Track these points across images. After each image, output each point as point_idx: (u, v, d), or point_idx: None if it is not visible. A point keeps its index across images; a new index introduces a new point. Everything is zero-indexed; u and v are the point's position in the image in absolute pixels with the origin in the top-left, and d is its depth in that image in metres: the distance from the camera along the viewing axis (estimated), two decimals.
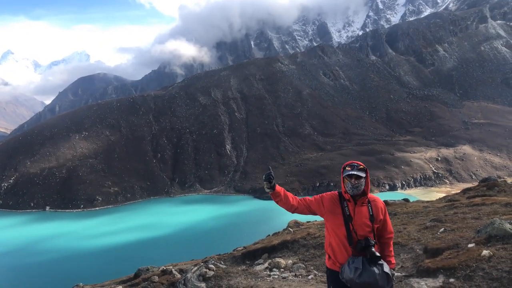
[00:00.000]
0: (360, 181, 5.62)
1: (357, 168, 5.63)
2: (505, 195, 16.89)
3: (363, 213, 5.70)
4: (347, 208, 5.72)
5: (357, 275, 5.35)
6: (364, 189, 5.68)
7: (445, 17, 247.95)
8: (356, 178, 5.61)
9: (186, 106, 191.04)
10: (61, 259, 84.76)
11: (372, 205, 5.76)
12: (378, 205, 5.82)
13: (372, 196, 5.88)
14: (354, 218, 5.67)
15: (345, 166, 5.74)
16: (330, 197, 5.93)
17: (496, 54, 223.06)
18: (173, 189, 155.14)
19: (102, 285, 16.43)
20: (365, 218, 5.69)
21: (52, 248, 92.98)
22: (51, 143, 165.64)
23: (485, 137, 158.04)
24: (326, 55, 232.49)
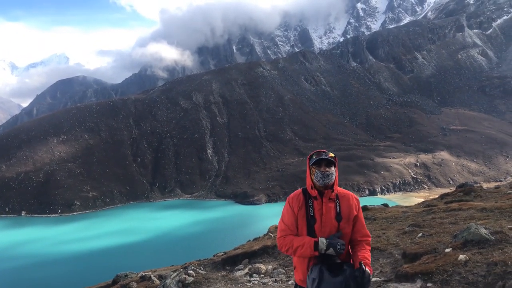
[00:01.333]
0: (331, 169, 4.85)
1: (326, 155, 4.87)
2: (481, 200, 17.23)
3: (330, 212, 4.90)
4: (311, 207, 4.91)
5: (314, 286, 4.59)
6: (334, 181, 4.92)
7: (424, 25, 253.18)
8: (327, 164, 4.85)
9: (167, 110, 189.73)
10: (36, 265, 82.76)
11: (340, 201, 4.96)
12: (348, 201, 4.99)
13: (342, 190, 5.06)
14: (319, 219, 4.87)
15: (312, 155, 4.97)
16: (296, 198, 5.05)
17: (472, 62, 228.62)
18: (153, 194, 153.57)
19: None
20: (332, 217, 4.89)
21: (27, 254, 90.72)
22: (28, 147, 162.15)
23: (462, 143, 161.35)
24: (307, 61, 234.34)
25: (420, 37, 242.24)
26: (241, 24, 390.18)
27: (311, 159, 4.93)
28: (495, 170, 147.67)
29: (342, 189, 5.08)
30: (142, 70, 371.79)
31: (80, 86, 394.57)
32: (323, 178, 4.81)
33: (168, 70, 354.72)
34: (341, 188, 5.06)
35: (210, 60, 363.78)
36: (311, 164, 4.91)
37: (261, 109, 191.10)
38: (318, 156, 4.88)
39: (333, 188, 4.92)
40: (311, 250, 4.68)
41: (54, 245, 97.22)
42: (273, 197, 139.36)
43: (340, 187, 5.11)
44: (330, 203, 4.91)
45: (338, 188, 5.01)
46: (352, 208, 4.98)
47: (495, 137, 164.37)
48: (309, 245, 4.69)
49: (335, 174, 4.90)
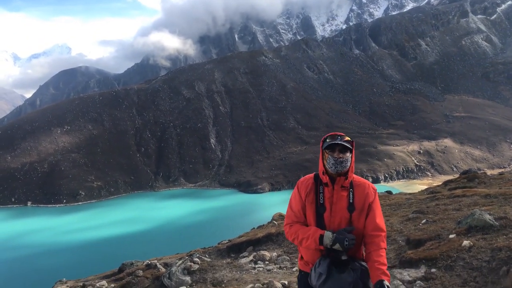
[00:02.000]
0: (346, 156, 4.31)
1: (341, 139, 4.32)
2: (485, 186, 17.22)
3: (341, 201, 4.38)
4: (321, 194, 4.42)
5: (320, 282, 4.19)
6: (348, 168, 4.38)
7: (427, 11, 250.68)
8: (341, 150, 4.31)
9: (170, 99, 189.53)
10: (43, 254, 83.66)
11: (355, 190, 4.41)
12: (364, 191, 4.43)
13: (357, 178, 4.53)
14: (329, 208, 4.39)
15: (326, 138, 4.43)
16: (305, 183, 4.59)
17: (476, 48, 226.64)
18: (157, 183, 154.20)
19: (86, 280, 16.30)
20: (343, 207, 4.38)
21: (34, 243, 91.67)
22: (32, 138, 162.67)
23: (465, 130, 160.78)
24: (310, 49, 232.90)
25: (424, 24, 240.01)
26: (243, 12, 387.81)
27: (325, 142, 4.38)
28: (499, 157, 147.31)
29: (358, 177, 4.54)
30: (144, 59, 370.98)
31: (82, 77, 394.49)
32: (336, 164, 4.30)
33: (171, 59, 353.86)
34: (357, 176, 4.54)
35: (212, 49, 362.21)
36: (324, 147, 4.36)
37: (264, 98, 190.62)
38: (332, 140, 4.33)
39: (347, 176, 4.38)
40: (316, 244, 4.24)
41: (60, 235, 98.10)
42: (276, 186, 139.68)
43: (356, 175, 4.59)
44: (342, 191, 4.39)
45: (354, 176, 4.48)
46: (368, 198, 4.42)
47: (499, 123, 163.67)
48: (314, 238, 4.25)
49: (351, 161, 4.37)
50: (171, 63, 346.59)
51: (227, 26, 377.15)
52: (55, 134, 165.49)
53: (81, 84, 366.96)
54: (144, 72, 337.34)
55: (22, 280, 71.69)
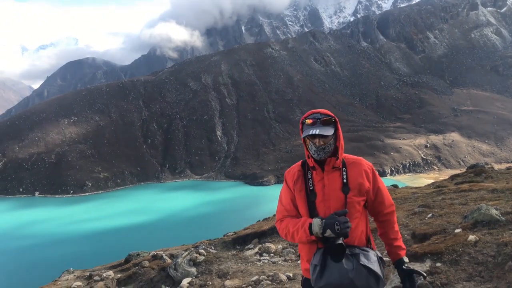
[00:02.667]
0: (327, 140, 3.82)
1: (320, 122, 3.83)
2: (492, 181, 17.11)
3: (333, 182, 3.88)
4: (310, 180, 3.95)
5: (316, 275, 3.61)
6: (335, 147, 3.92)
7: (436, 3, 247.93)
8: (322, 138, 3.82)
9: (177, 91, 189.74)
10: (50, 244, 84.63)
11: (348, 169, 3.93)
12: (359, 168, 3.95)
13: (350, 156, 4.08)
14: (321, 193, 3.88)
15: (304, 120, 3.92)
16: (291, 172, 4.12)
17: (486, 42, 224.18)
18: (163, 174, 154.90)
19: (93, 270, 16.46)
20: (336, 189, 3.86)
21: (41, 233, 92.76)
22: (39, 128, 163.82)
23: (473, 124, 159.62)
24: (317, 41, 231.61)
25: (432, 16, 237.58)
26: (250, 4, 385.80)
27: (304, 127, 3.91)
28: (507, 151, 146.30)
29: (350, 156, 4.11)
30: (151, 51, 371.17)
31: (89, 68, 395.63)
32: (318, 152, 3.86)
33: (178, 51, 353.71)
34: (349, 155, 4.11)
35: (218, 41, 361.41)
36: (303, 135, 3.89)
37: (270, 90, 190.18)
38: (310, 127, 3.83)
39: (337, 155, 3.91)
40: (306, 234, 3.67)
41: (67, 225, 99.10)
42: (282, 178, 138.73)
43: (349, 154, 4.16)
44: (334, 172, 3.90)
45: (345, 155, 4.05)
46: (363, 176, 3.93)
47: (508, 117, 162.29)
48: (303, 229, 3.69)
49: (335, 141, 3.92)
50: (179, 54, 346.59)
51: (234, 18, 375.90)
52: (62, 125, 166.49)
53: (88, 75, 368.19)
54: (151, 64, 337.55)
55: (29, 269, 72.61)
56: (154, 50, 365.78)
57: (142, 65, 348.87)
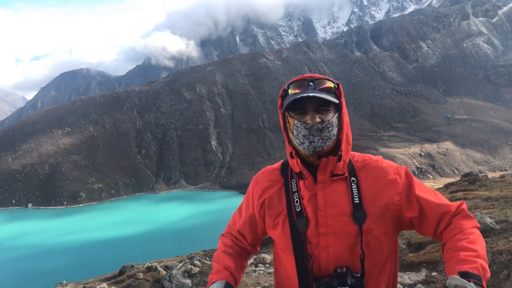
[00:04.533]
0: (328, 116, 2.19)
1: (318, 85, 2.20)
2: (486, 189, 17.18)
3: (336, 202, 2.19)
4: (296, 195, 2.26)
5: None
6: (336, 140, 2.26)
7: (428, 13, 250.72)
8: (318, 107, 2.17)
9: (171, 101, 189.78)
10: (43, 255, 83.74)
11: (361, 178, 2.27)
12: (378, 173, 2.29)
13: (360, 156, 2.46)
14: (313, 218, 2.18)
15: (287, 87, 2.33)
16: (265, 176, 2.47)
17: (478, 51, 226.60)
18: (158, 185, 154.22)
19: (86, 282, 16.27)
20: (341, 214, 2.16)
21: (34, 245, 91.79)
22: (33, 139, 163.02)
23: (467, 133, 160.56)
24: (311, 51, 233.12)
25: (425, 26, 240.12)
26: (244, 15, 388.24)
27: (286, 95, 2.30)
28: (500, 160, 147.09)
29: (359, 154, 2.48)
30: (145, 61, 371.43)
31: (84, 79, 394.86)
32: (311, 137, 2.16)
33: (174, 59, 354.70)
34: (358, 153, 2.49)
35: (213, 51, 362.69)
36: (286, 107, 2.23)
37: (265, 100, 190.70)
38: (297, 91, 2.21)
39: (340, 153, 2.25)
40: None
41: (60, 236, 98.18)
42: None
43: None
44: (335, 183, 2.22)
45: (353, 153, 2.43)
46: (388, 186, 2.21)
47: (501, 126, 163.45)
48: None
49: (341, 127, 2.29)
50: (175, 63, 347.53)
51: (228, 30, 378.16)
52: (56, 135, 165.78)
53: (82, 86, 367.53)
54: (145, 74, 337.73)
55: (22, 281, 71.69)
56: (149, 60, 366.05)
57: (137, 76, 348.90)
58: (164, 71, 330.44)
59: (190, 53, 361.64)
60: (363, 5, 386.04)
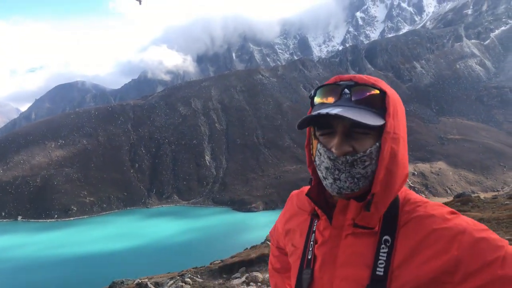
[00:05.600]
0: (364, 147, 1.47)
1: (355, 94, 1.54)
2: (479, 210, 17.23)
3: (352, 260, 1.52)
4: (311, 243, 1.69)
5: None
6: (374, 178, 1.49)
7: (422, 34, 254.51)
8: (351, 130, 1.48)
9: (166, 116, 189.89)
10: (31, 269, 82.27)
11: (400, 237, 1.47)
12: (427, 235, 1.43)
13: (415, 202, 1.56)
14: (318, 274, 1.61)
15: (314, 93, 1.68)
16: (296, 202, 1.96)
17: (470, 72, 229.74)
18: (150, 200, 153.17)
19: None
20: (354, 275, 1.50)
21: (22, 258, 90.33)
22: (25, 151, 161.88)
23: (460, 153, 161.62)
24: (306, 69, 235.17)
25: (419, 46, 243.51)
26: (241, 32, 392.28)
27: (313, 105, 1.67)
28: (492, 180, 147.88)
29: (418, 199, 1.60)
30: (141, 75, 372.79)
31: (79, 91, 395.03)
32: (336, 172, 1.50)
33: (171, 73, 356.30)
34: (416, 197, 1.64)
35: (209, 67, 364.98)
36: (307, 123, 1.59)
37: (260, 116, 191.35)
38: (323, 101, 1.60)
39: (369, 197, 1.50)
40: None
41: (49, 250, 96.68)
42: (270, 205, 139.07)
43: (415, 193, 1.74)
44: (360, 238, 1.55)
45: (409, 196, 1.63)
46: (436, 264, 1.39)
47: (493, 147, 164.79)
48: None
49: (382, 155, 1.48)
50: (172, 77, 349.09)
51: (225, 47, 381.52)
52: (49, 148, 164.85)
53: (77, 98, 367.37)
54: (141, 88, 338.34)
55: None
56: (145, 74, 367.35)
57: (132, 89, 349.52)
58: (159, 85, 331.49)
59: (187, 68, 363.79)
60: (358, 25, 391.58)
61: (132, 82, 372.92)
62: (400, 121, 1.55)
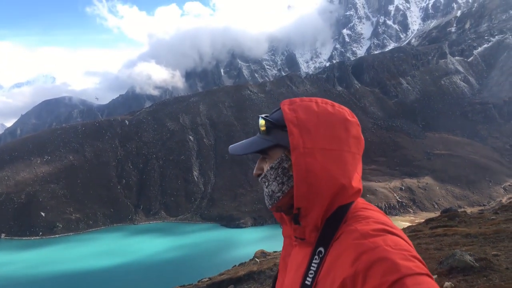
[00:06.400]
0: (264, 169, 2.19)
1: (261, 125, 2.27)
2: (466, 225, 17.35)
3: (293, 267, 1.79)
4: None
5: None
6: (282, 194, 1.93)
7: (408, 51, 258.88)
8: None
9: (154, 131, 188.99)
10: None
11: (332, 250, 1.60)
12: (343, 253, 1.53)
13: (358, 216, 1.72)
14: (281, 278, 1.96)
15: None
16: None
17: (455, 88, 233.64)
18: (137, 216, 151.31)
19: None
20: (292, 283, 1.74)
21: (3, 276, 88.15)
22: (10, 167, 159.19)
23: (446, 168, 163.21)
24: (294, 85, 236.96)
25: (404, 63, 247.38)
26: (229, 49, 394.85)
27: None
28: (478, 195, 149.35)
29: (364, 214, 1.76)
30: (129, 90, 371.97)
31: (66, 107, 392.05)
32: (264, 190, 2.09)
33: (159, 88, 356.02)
34: (370, 213, 1.82)
35: (197, 82, 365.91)
36: None
37: (248, 131, 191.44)
38: None
39: (296, 211, 1.76)
40: None
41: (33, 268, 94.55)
42: (259, 220, 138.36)
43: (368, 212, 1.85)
44: (302, 247, 1.78)
45: (363, 211, 1.84)
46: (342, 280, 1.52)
47: (478, 162, 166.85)
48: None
49: (296, 168, 1.77)
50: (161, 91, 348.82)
51: (213, 63, 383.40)
52: (35, 164, 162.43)
53: (64, 114, 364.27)
54: (128, 104, 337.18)
55: None
56: (133, 90, 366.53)
57: (120, 105, 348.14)
58: (147, 101, 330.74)
59: (175, 84, 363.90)
60: (345, 42, 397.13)
61: (120, 97, 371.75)
62: (314, 134, 1.70)
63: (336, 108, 2.00)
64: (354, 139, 1.88)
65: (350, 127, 1.90)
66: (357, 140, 1.92)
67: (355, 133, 1.92)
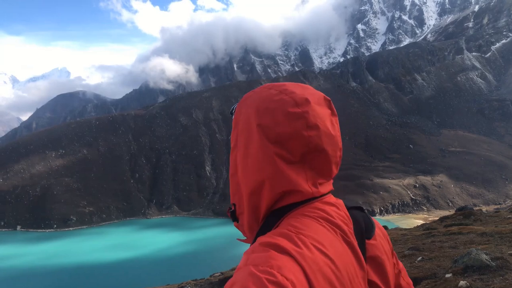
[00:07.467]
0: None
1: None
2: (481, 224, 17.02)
3: None
4: None
5: None
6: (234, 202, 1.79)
7: (423, 47, 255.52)
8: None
9: (167, 126, 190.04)
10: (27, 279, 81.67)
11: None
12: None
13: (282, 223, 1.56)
14: None
15: None
16: None
17: (471, 85, 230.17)
18: (150, 210, 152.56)
19: None
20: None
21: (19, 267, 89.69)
22: (25, 160, 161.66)
23: (461, 165, 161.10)
24: (307, 80, 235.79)
25: (420, 59, 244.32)
26: (242, 45, 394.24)
27: None
28: (494, 193, 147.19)
29: (287, 226, 1.53)
30: (142, 85, 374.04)
31: (80, 101, 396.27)
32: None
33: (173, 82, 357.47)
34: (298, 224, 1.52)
35: (210, 78, 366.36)
36: None
37: None
38: None
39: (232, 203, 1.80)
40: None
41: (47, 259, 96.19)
42: None
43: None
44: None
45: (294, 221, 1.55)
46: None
47: (494, 159, 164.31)
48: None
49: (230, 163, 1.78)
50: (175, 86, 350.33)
51: (226, 59, 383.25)
52: (50, 157, 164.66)
53: (78, 108, 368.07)
54: (142, 99, 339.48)
55: None
56: (146, 84, 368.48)
57: (133, 100, 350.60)
58: (160, 95, 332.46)
59: (189, 79, 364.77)
60: (360, 37, 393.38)
61: (133, 92, 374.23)
62: (240, 128, 1.59)
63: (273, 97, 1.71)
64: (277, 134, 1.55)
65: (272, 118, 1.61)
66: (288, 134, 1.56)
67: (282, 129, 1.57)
